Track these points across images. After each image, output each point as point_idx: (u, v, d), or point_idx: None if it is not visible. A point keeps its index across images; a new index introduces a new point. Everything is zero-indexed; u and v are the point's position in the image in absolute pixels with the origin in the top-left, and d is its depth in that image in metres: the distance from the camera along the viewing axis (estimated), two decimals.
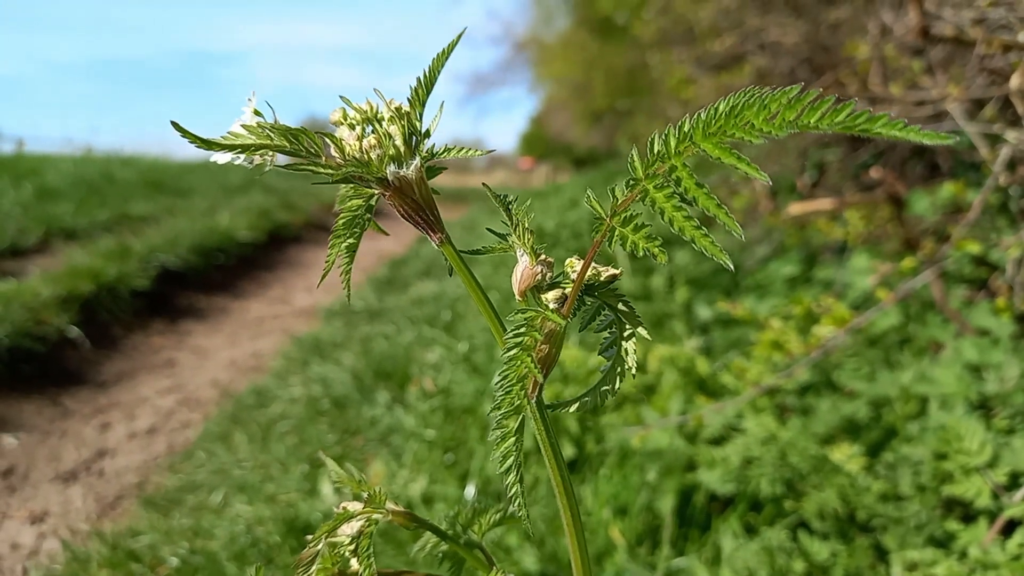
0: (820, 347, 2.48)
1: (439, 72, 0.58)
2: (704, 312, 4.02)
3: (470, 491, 2.62)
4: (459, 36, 0.58)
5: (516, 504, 0.51)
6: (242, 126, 0.52)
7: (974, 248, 2.49)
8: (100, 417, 4.06)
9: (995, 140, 2.74)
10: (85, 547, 2.69)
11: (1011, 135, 2.42)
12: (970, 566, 1.70)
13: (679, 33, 7.04)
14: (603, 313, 0.60)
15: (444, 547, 0.69)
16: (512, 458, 0.51)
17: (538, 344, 0.53)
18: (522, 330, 0.53)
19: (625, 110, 13.79)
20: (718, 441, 2.47)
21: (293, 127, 0.53)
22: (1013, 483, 1.83)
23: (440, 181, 0.64)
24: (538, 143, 36.49)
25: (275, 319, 6.26)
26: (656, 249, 0.47)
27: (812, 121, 0.40)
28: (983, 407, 2.31)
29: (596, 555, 2.17)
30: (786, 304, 3.19)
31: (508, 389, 0.51)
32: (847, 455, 2.16)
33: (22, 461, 3.50)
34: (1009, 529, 1.76)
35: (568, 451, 2.72)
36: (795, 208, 4.06)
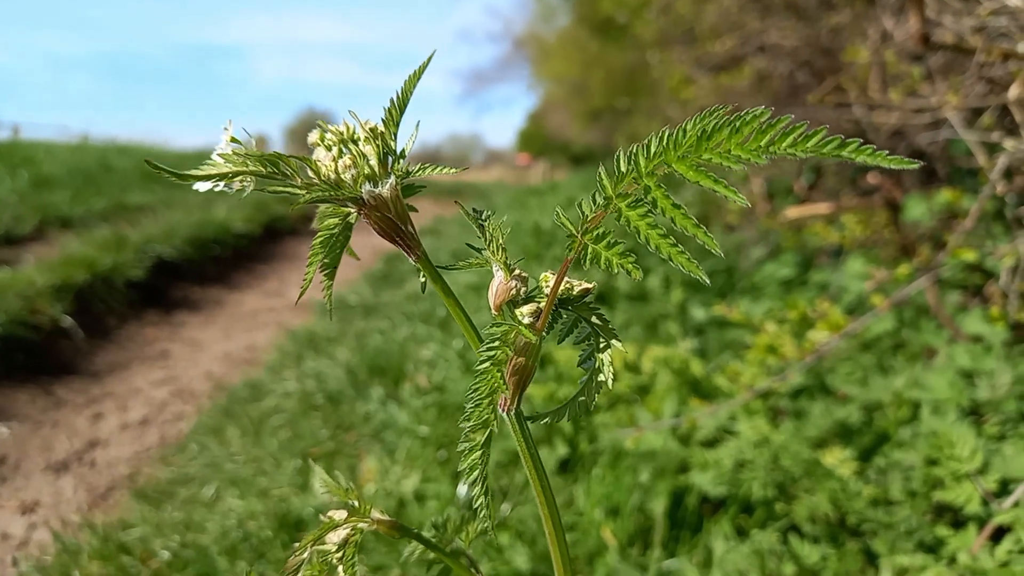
0: (814, 352, 2.49)
1: (411, 94, 0.60)
2: (699, 313, 4.02)
3: (463, 489, 2.62)
4: (428, 60, 0.61)
5: (482, 515, 0.53)
6: (219, 155, 0.54)
7: (970, 256, 2.49)
8: (93, 407, 4.06)
9: (992, 148, 2.75)
10: (76, 538, 2.69)
11: (1009, 143, 2.43)
12: (959, 572, 1.71)
13: (679, 34, 7.04)
14: (580, 325, 0.61)
15: (432, 553, 0.70)
16: (478, 470, 0.52)
17: (512, 358, 0.55)
18: (495, 344, 0.54)
19: (624, 109, 13.79)
20: (711, 443, 2.47)
21: (269, 153, 0.55)
22: (1003, 490, 1.84)
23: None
24: (536, 140, 36.49)
25: (270, 312, 6.25)
26: (630, 266, 0.47)
27: (784, 147, 0.41)
28: (974, 413, 2.32)
29: (588, 555, 2.17)
30: (781, 308, 3.20)
31: (478, 403, 0.52)
32: (839, 459, 2.17)
33: (13, 451, 3.50)
34: (998, 536, 1.77)
35: (561, 450, 2.72)
36: (792, 211, 4.08)
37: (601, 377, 0.58)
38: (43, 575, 2.43)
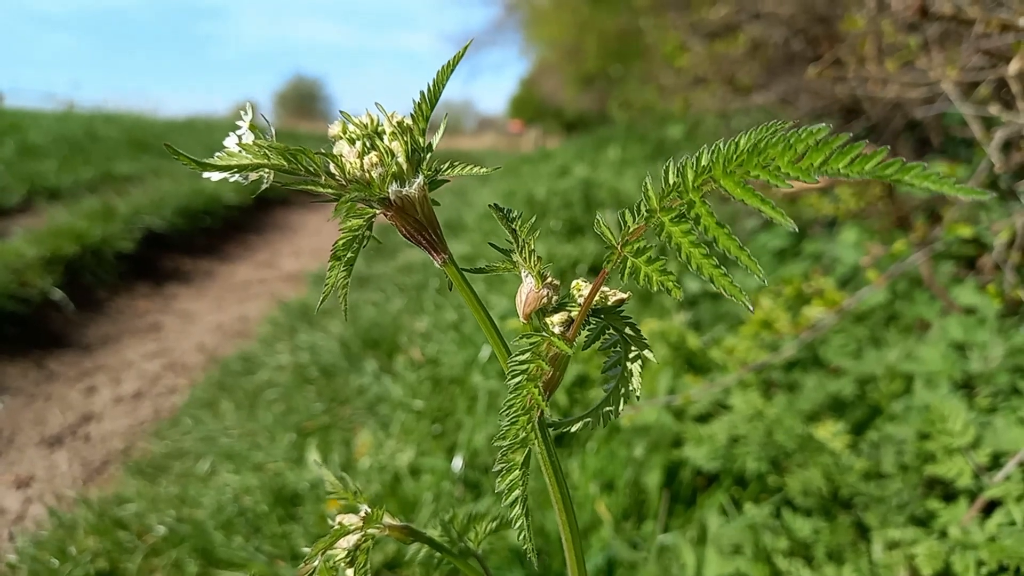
0: (810, 328, 2.50)
1: (443, 86, 0.55)
2: (692, 285, 4.02)
3: (457, 463, 2.63)
4: (463, 51, 0.55)
5: (521, 538, 0.50)
6: (238, 144, 0.50)
7: (966, 231, 2.49)
8: (85, 381, 4.05)
9: (988, 120, 2.73)
10: (71, 513, 2.69)
11: (1005, 116, 2.41)
12: (949, 545, 1.73)
13: None
14: (607, 332, 0.58)
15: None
16: (518, 491, 0.49)
17: (543, 371, 0.52)
18: (527, 356, 0.51)
19: (617, 76, 13.66)
20: (705, 418, 2.49)
21: (292, 146, 0.50)
22: (994, 464, 1.86)
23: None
24: (528, 106, 36.12)
25: (261, 283, 6.22)
26: (671, 284, 0.45)
27: (840, 167, 0.38)
28: (967, 386, 2.34)
29: (582, 530, 2.19)
30: (776, 281, 3.20)
31: (514, 420, 0.49)
32: (832, 433, 2.18)
33: (7, 425, 3.49)
34: (989, 509, 1.79)
35: None
36: None
37: (630, 387, 0.56)
38: (40, 550, 2.44)
